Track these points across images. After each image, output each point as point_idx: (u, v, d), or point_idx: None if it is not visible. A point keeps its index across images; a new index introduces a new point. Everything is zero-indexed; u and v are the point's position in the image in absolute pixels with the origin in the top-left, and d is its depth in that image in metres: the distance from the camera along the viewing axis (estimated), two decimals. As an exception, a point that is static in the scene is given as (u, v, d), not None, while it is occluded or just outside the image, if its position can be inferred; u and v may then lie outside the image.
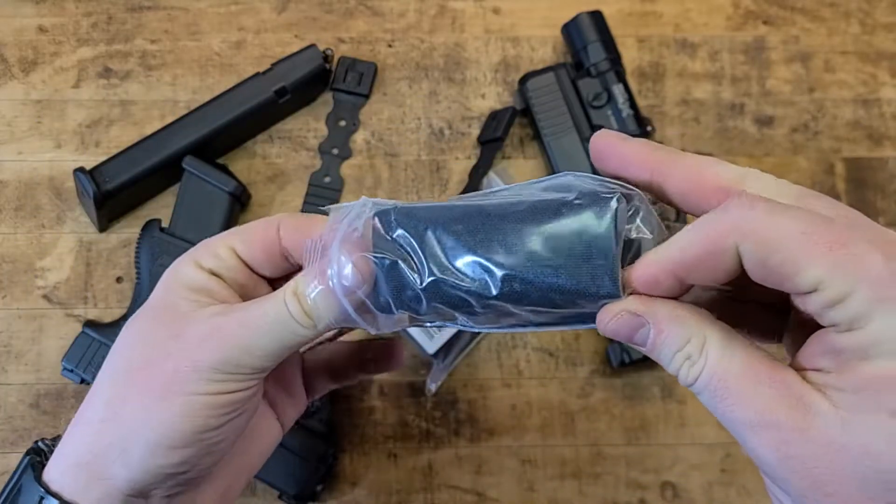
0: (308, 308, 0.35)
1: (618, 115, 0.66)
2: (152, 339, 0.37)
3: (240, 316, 0.36)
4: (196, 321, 0.36)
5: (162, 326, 0.37)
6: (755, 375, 0.30)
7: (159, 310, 0.38)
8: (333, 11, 0.72)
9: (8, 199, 0.67)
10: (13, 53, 0.70)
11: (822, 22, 0.73)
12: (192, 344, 0.36)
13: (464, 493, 0.63)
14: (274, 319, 0.36)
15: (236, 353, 0.35)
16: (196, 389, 0.35)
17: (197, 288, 0.38)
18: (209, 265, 0.39)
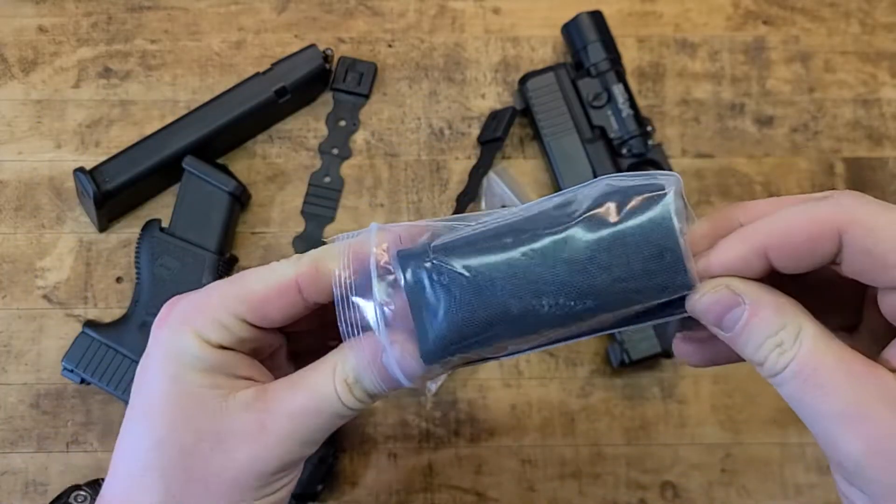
0: (360, 394, 0.34)
1: (618, 115, 0.66)
2: (192, 445, 0.33)
3: (284, 410, 0.33)
4: (232, 418, 0.33)
5: (196, 428, 0.33)
6: (849, 368, 0.30)
7: (177, 402, 0.34)
8: (333, 11, 0.72)
9: (8, 198, 0.67)
10: (13, 53, 0.70)
11: (822, 22, 0.73)
12: (246, 452, 0.33)
13: (464, 493, 0.63)
14: (321, 408, 0.33)
15: (296, 451, 0.34)
16: (260, 494, 0.34)
17: (212, 369, 0.34)
18: (216, 339, 0.34)
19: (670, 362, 0.65)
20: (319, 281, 0.34)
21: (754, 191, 0.69)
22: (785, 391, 0.31)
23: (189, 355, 0.34)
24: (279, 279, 0.34)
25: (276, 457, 0.33)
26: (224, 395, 0.34)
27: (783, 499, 0.63)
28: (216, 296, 0.35)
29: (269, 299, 0.34)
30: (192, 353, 0.34)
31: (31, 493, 0.62)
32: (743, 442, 0.64)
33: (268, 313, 0.35)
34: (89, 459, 0.63)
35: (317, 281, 0.34)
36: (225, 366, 0.34)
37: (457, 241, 0.33)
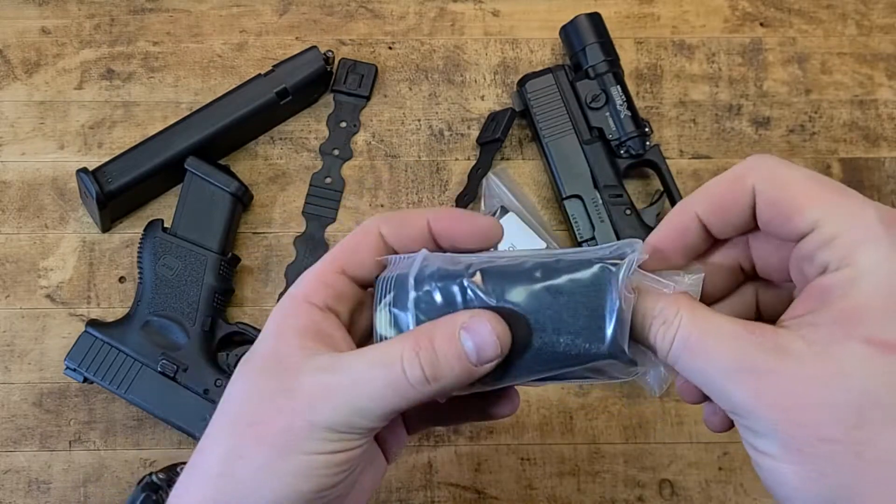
0: (430, 374, 0.34)
1: (616, 116, 0.67)
2: (264, 393, 0.36)
3: (351, 374, 0.35)
4: (306, 376, 0.35)
5: (272, 379, 0.36)
6: (731, 329, 0.33)
7: (269, 359, 0.37)
8: (334, 14, 0.73)
9: (11, 199, 0.68)
10: (16, 55, 0.71)
11: (819, 24, 0.74)
12: (303, 402, 0.35)
13: (463, 491, 0.64)
14: (386, 384, 0.34)
15: (348, 416, 0.35)
16: (312, 449, 0.35)
17: (309, 333, 0.37)
18: (322, 300, 0.37)
19: (668, 361, 0.66)
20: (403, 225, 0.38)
21: (751, 191, 0.70)
22: (680, 367, 0.33)
23: (294, 318, 0.37)
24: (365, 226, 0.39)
25: (329, 415, 0.34)
26: (308, 355, 0.36)
27: (780, 496, 0.64)
28: (322, 259, 0.39)
29: (357, 246, 0.38)
30: (297, 317, 0.37)
31: (33, 492, 0.62)
32: (740, 440, 0.65)
33: (360, 259, 0.38)
34: (92, 458, 0.63)
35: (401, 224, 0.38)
36: (321, 331, 0.37)
37: (493, 267, 0.35)
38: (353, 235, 0.39)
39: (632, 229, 0.65)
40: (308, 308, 0.37)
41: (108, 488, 0.63)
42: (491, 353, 0.34)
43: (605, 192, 0.66)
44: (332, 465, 0.35)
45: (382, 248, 0.38)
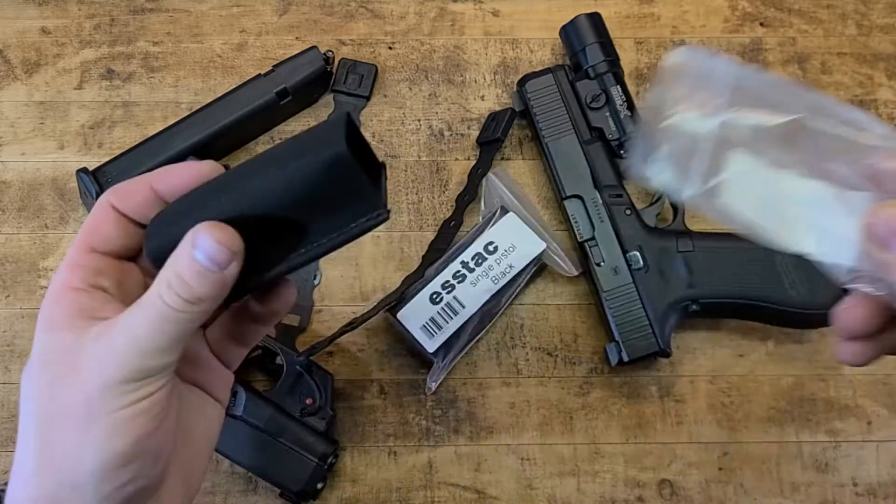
0: (187, 295, 0.36)
1: (616, 116, 0.67)
2: (53, 382, 0.37)
3: (123, 326, 0.36)
4: (85, 348, 0.36)
5: (58, 364, 0.37)
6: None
7: (47, 353, 0.37)
8: (334, 14, 0.73)
9: (11, 199, 0.68)
10: (16, 55, 0.71)
11: (819, 24, 0.74)
12: (91, 370, 0.36)
13: (463, 491, 0.64)
14: (155, 316, 0.36)
15: (134, 361, 0.36)
16: (112, 407, 0.35)
17: (77, 314, 0.37)
18: (81, 280, 0.38)
19: (667, 361, 0.66)
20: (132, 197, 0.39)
21: (751, 191, 0.70)
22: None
23: (60, 306, 0.38)
24: (99, 203, 0.40)
25: (124, 371, 0.35)
26: (82, 332, 0.37)
27: (780, 496, 0.64)
28: (70, 247, 0.40)
29: (96, 223, 0.40)
30: (62, 304, 0.38)
31: (34, 491, 0.62)
32: (740, 440, 0.65)
33: (102, 234, 0.39)
34: (92, 457, 0.63)
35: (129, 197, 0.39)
36: (90, 308, 0.38)
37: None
38: (91, 215, 0.40)
39: (632, 229, 0.65)
40: (70, 293, 0.38)
41: (108, 488, 0.63)
42: (224, 257, 0.36)
43: (605, 192, 0.66)
44: (138, 414, 0.36)
45: (119, 219, 0.40)
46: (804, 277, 0.63)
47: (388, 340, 0.66)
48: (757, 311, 0.64)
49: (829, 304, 0.62)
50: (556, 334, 0.66)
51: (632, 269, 0.64)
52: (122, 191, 0.40)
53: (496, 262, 0.65)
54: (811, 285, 0.63)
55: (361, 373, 0.65)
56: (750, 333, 0.67)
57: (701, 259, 0.64)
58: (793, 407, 0.66)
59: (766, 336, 0.67)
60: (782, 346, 0.67)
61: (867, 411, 0.66)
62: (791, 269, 0.63)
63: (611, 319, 0.63)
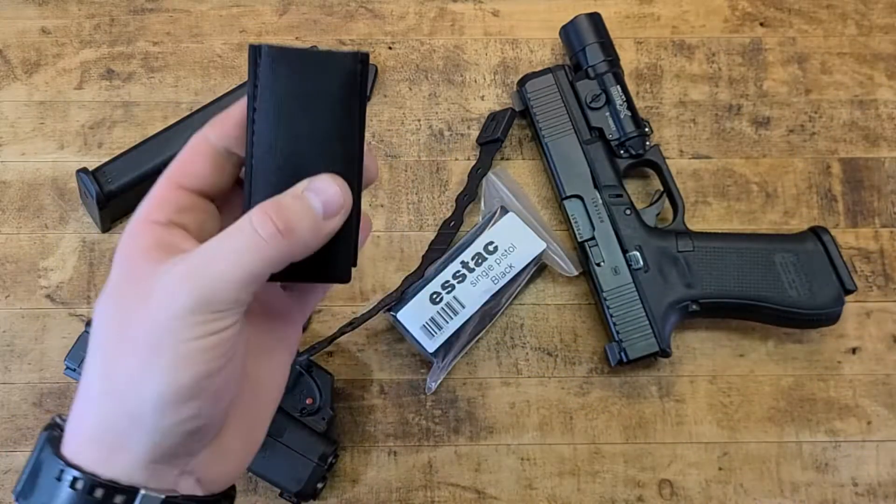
0: (283, 227, 0.35)
1: (616, 116, 0.67)
2: (124, 308, 0.36)
3: (202, 252, 0.35)
4: (159, 277, 0.35)
5: (130, 293, 0.36)
6: None
7: (121, 281, 0.37)
8: (334, 14, 0.73)
9: (11, 199, 0.68)
10: (16, 55, 0.71)
11: (819, 24, 0.74)
12: (163, 296, 0.35)
13: (463, 491, 0.64)
14: (241, 245, 0.35)
15: (208, 289, 0.34)
16: (182, 337, 0.34)
17: (156, 247, 0.36)
18: (164, 216, 0.37)
19: (668, 361, 0.66)
20: (225, 123, 0.38)
21: (751, 191, 0.70)
22: None
23: (138, 239, 0.37)
24: (195, 137, 0.39)
25: (197, 300, 0.34)
26: (160, 262, 0.35)
27: (780, 496, 0.64)
28: (159, 180, 0.39)
29: (188, 152, 0.38)
30: (141, 237, 0.37)
31: (34, 491, 0.62)
32: (740, 440, 0.65)
33: (193, 170, 0.38)
34: (92, 457, 0.63)
35: (223, 123, 0.38)
36: (168, 242, 0.36)
37: None
38: (185, 149, 0.39)
39: (632, 229, 0.65)
40: (151, 226, 0.37)
41: (108, 488, 0.63)
42: (336, 203, 0.36)
43: (605, 192, 0.66)
44: (205, 349, 0.35)
45: (213, 153, 0.38)
46: (804, 277, 0.63)
47: (388, 340, 0.66)
48: (757, 311, 0.64)
49: (829, 304, 0.63)
50: (556, 334, 0.66)
51: (632, 269, 0.64)
52: (217, 121, 0.39)
53: (496, 262, 0.65)
54: (811, 285, 0.63)
55: (361, 373, 0.65)
56: (750, 333, 0.67)
57: (701, 259, 0.64)
58: (793, 407, 0.66)
59: (766, 336, 0.67)
60: (782, 346, 0.67)
61: (867, 411, 0.66)
62: (791, 269, 0.63)
63: (611, 319, 0.63)
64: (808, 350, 0.67)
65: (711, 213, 0.69)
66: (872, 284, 0.68)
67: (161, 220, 0.37)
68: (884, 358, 0.67)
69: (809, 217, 0.69)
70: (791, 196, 0.70)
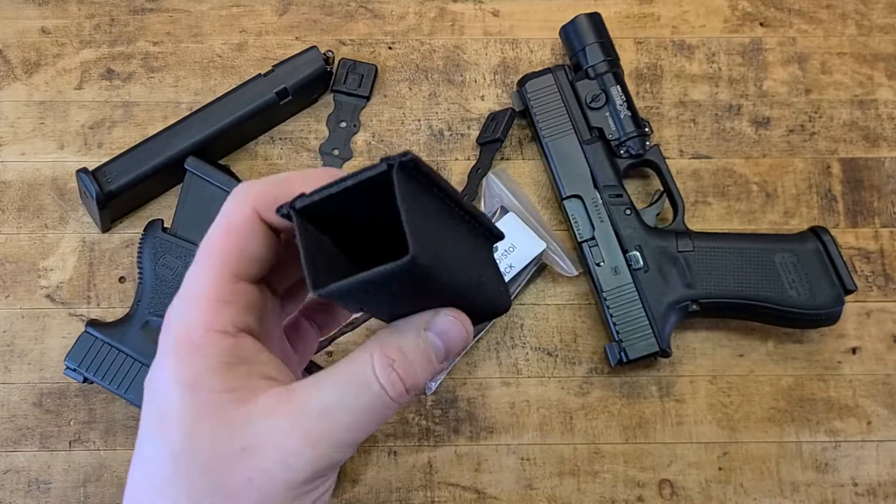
0: (410, 384, 0.31)
1: (616, 116, 0.67)
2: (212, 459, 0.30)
3: (319, 413, 0.30)
4: (256, 425, 0.30)
5: (215, 440, 0.30)
6: None
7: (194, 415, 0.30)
8: (334, 14, 0.73)
9: (11, 199, 0.68)
10: (16, 55, 0.71)
11: (819, 24, 0.74)
12: (273, 460, 0.30)
13: (463, 491, 0.64)
14: (366, 408, 0.30)
15: (327, 458, 0.30)
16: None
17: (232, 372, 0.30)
18: (230, 323, 0.31)
19: (668, 361, 0.66)
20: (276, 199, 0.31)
21: (751, 191, 0.70)
22: None
23: (202, 354, 0.30)
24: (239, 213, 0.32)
25: (309, 463, 0.30)
26: (244, 399, 0.30)
27: (780, 496, 0.64)
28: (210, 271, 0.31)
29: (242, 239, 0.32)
30: (204, 351, 0.30)
31: (33, 492, 0.63)
32: (740, 440, 0.65)
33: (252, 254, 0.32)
34: (92, 458, 0.63)
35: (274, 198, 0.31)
36: (241, 358, 0.31)
37: None
38: (231, 230, 0.32)
39: (632, 229, 0.65)
40: (217, 338, 0.31)
41: (108, 488, 0.63)
42: (460, 345, 0.33)
43: (605, 192, 0.66)
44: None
45: (267, 232, 0.32)
46: (804, 277, 0.63)
47: (388, 340, 0.66)
48: (757, 311, 0.64)
49: (829, 304, 0.63)
50: (556, 334, 0.66)
51: (632, 269, 0.64)
52: (270, 197, 0.31)
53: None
54: (811, 285, 0.63)
55: (361, 373, 0.65)
56: (750, 333, 0.67)
57: (701, 259, 0.64)
58: (793, 407, 0.66)
59: (766, 336, 0.67)
60: (782, 346, 0.67)
61: (867, 411, 0.66)
62: (791, 269, 0.63)
63: (611, 319, 0.63)
64: (808, 350, 0.67)
65: (711, 213, 0.69)
66: (872, 284, 0.68)
67: (226, 328, 0.31)
68: (884, 358, 0.67)
69: (809, 217, 0.69)
70: (791, 196, 0.70)
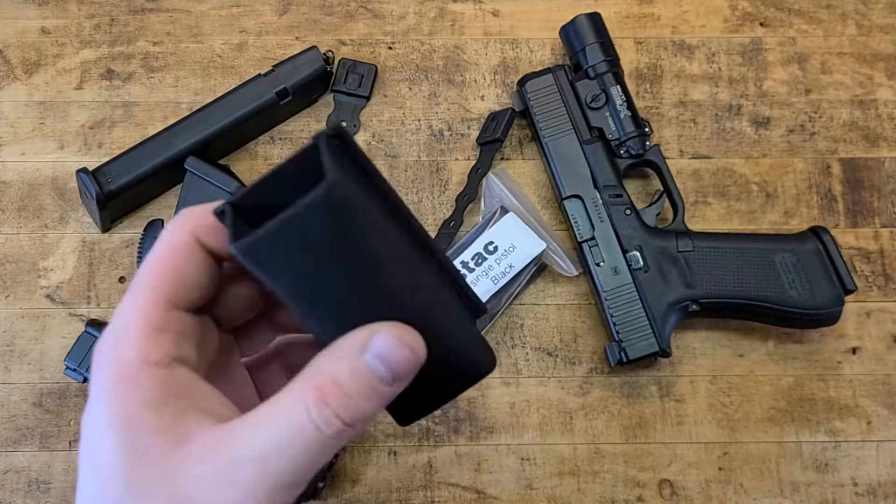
0: (349, 419, 0.28)
1: (616, 116, 0.67)
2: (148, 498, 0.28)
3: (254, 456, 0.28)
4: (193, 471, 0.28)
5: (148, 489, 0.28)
6: None
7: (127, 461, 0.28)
8: (334, 14, 0.73)
9: (11, 199, 0.68)
10: (16, 55, 0.71)
11: (819, 24, 0.74)
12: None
13: (463, 491, 0.64)
14: (301, 445, 0.28)
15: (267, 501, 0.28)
16: None
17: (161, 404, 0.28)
18: (164, 354, 0.29)
19: (667, 361, 0.66)
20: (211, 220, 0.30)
21: (751, 191, 0.70)
22: None
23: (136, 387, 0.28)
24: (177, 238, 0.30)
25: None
26: (179, 441, 0.28)
27: (780, 496, 0.64)
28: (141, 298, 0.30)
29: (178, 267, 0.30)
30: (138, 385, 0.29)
31: (33, 492, 0.63)
32: (740, 440, 0.65)
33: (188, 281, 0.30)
34: (92, 457, 0.63)
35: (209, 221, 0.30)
36: (176, 391, 0.29)
37: None
38: (167, 254, 0.30)
39: (632, 229, 0.65)
40: (151, 372, 0.29)
41: (108, 488, 0.63)
42: (406, 367, 0.29)
43: (605, 192, 0.66)
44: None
45: (206, 259, 0.31)
46: (804, 277, 0.63)
47: (388, 340, 0.66)
48: (757, 311, 0.64)
49: (829, 304, 0.63)
50: (556, 334, 0.66)
51: (632, 269, 0.64)
52: (208, 220, 0.30)
53: (496, 262, 0.65)
54: (811, 285, 0.63)
55: (361, 373, 0.65)
56: (750, 333, 0.67)
57: (701, 259, 0.64)
58: (793, 407, 0.66)
59: (766, 336, 0.67)
60: (782, 346, 0.67)
61: (867, 411, 0.66)
62: (791, 268, 0.63)
63: (611, 319, 0.63)
64: (808, 350, 0.67)
65: (711, 213, 0.69)
66: (872, 284, 0.68)
67: (163, 359, 0.29)
68: (884, 358, 0.67)
69: (809, 217, 0.69)
70: (791, 196, 0.70)
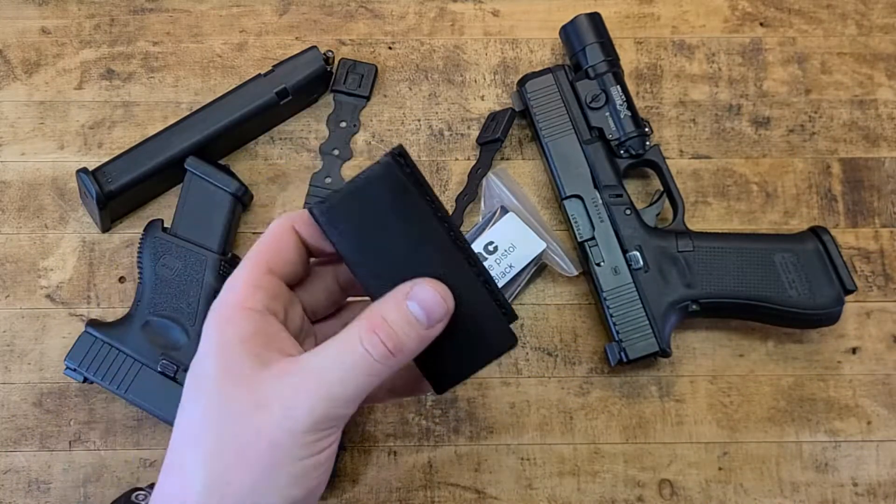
0: (393, 346, 0.36)
1: (616, 116, 0.67)
2: (232, 413, 0.36)
3: (313, 369, 0.36)
4: (268, 385, 0.36)
5: (238, 397, 0.36)
6: None
7: (223, 376, 0.36)
8: (334, 14, 0.73)
9: (11, 199, 0.68)
10: (16, 55, 0.71)
11: (819, 23, 0.74)
12: (279, 413, 0.35)
13: (463, 491, 0.64)
14: (353, 364, 0.36)
15: (325, 410, 0.35)
16: (299, 455, 0.35)
17: (256, 339, 0.37)
18: (260, 302, 0.38)
19: (668, 361, 0.66)
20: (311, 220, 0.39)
21: (751, 191, 0.70)
22: None
23: (235, 326, 0.37)
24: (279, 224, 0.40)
25: (307, 413, 0.35)
26: (262, 365, 0.36)
27: (780, 496, 0.64)
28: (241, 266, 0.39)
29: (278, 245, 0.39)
30: (238, 324, 0.37)
31: (33, 492, 0.63)
32: (740, 440, 0.65)
33: (285, 256, 0.39)
34: (92, 458, 0.63)
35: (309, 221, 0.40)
36: (266, 333, 0.37)
37: None
38: (273, 236, 0.40)
39: (632, 229, 0.65)
40: (248, 314, 0.37)
41: (108, 488, 0.63)
42: (440, 313, 0.37)
43: (605, 192, 0.66)
44: (318, 465, 0.36)
45: (298, 244, 0.40)
46: (804, 277, 0.63)
47: (388, 340, 0.66)
48: (757, 311, 0.64)
49: (829, 304, 0.63)
50: (556, 334, 0.66)
51: (632, 269, 0.64)
52: (305, 217, 0.40)
53: (496, 262, 0.65)
54: (811, 285, 0.63)
55: (361, 373, 0.65)
56: (750, 333, 0.67)
57: (701, 259, 0.64)
58: (793, 407, 0.66)
59: (766, 336, 0.67)
60: (782, 346, 0.67)
61: (867, 411, 0.66)
62: (791, 268, 0.63)
63: (611, 319, 0.63)
64: (808, 350, 0.67)
65: (711, 213, 0.69)
66: (872, 284, 0.68)
67: (257, 306, 0.38)
68: (884, 358, 0.67)
69: (809, 217, 0.69)
70: (791, 196, 0.70)
